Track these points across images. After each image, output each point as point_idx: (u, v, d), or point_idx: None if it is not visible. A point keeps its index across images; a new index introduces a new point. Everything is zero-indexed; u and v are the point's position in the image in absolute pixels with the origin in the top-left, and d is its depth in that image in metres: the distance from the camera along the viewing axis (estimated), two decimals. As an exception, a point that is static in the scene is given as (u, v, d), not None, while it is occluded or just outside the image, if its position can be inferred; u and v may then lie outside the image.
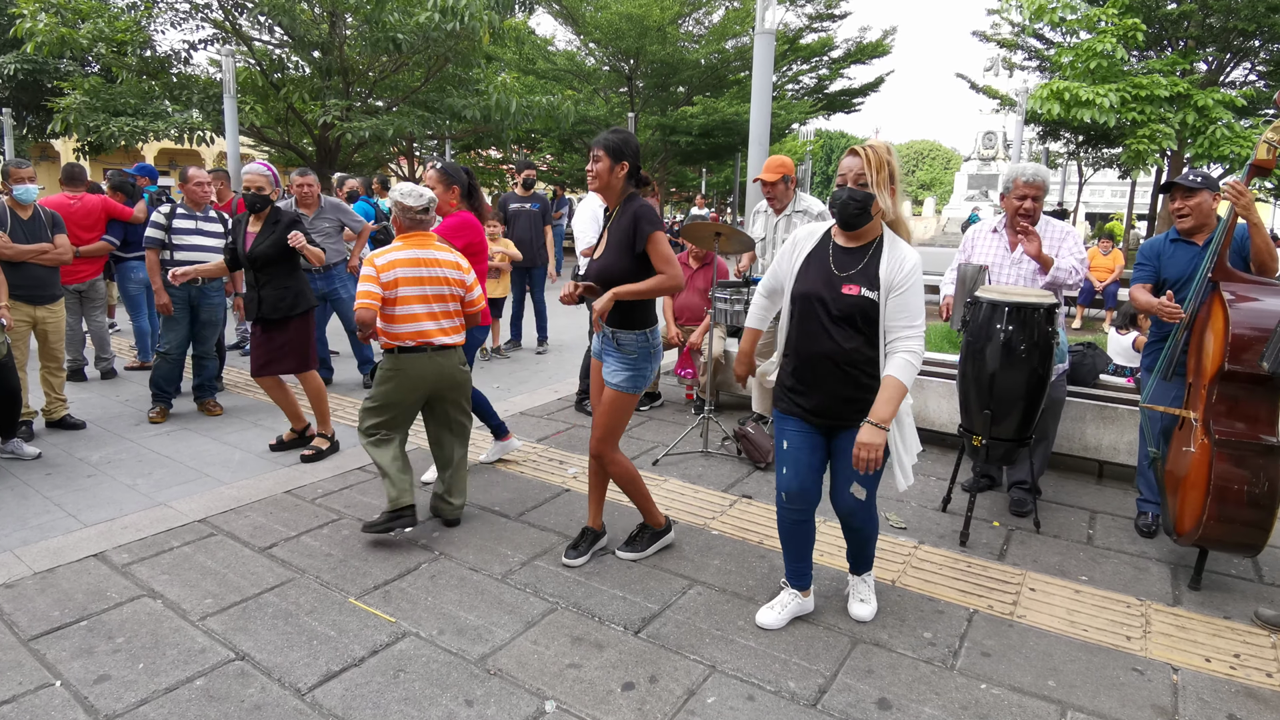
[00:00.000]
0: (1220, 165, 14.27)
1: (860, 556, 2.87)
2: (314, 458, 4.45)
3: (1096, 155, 20.76)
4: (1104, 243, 11.36)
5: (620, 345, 3.07)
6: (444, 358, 3.50)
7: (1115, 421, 4.24)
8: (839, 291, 2.51)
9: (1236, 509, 2.88)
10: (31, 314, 4.83)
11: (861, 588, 2.91)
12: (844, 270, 2.54)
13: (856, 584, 2.92)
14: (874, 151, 2.47)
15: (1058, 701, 2.40)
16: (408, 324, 3.41)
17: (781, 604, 2.84)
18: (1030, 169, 3.73)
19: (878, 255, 2.52)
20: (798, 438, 2.66)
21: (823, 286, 2.55)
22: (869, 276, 2.50)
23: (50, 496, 3.91)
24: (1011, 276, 3.78)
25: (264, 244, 4.37)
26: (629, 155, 3.03)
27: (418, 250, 3.45)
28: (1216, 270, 3.14)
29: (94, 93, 11.89)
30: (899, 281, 2.47)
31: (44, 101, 15.16)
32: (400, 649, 2.63)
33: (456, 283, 3.52)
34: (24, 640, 2.64)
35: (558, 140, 23.06)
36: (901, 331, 2.48)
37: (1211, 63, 15.89)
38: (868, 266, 2.52)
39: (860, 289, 2.49)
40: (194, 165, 5.50)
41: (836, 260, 2.57)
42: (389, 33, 11.42)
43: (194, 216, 5.26)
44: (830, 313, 2.53)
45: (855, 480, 2.61)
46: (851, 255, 2.56)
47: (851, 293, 2.50)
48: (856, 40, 23.43)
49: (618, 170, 3.03)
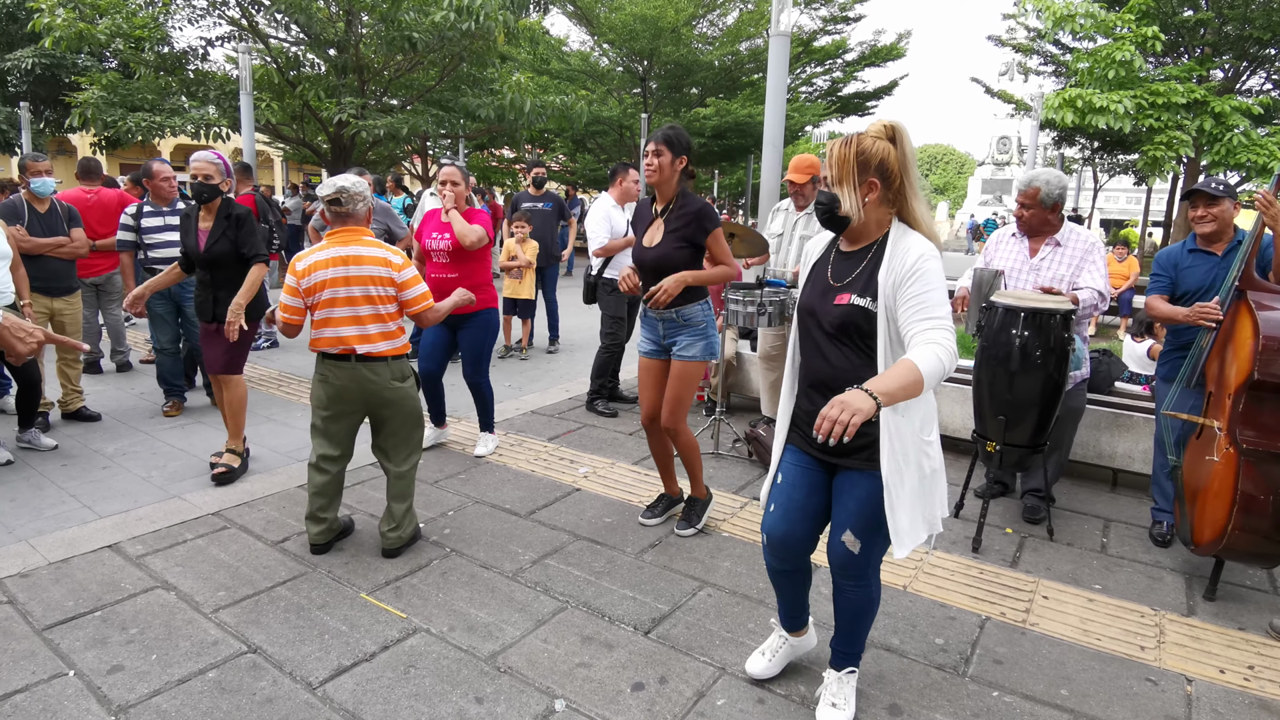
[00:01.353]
0: (1237, 173, 14.17)
1: (845, 637, 2.32)
2: (227, 477, 4.05)
3: (1112, 161, 20.64)
4: (1119, 249, 11.29)
5: (688, 320, 3.41)
6: (370, 370, 3.10)
7: (1130, 429, 4.21)
8: (830, 303, 2.14)
9: (1261, 520, 2.85)
10: (49, 306, 4.88)
11: (837, 686, 2.32)
12: (840, 279, 2.16)
13: (831, 682, 2.34)
14: (837, 145, 2.10)
15: (1070, 711, 2.39)
16: (326, 329, 3.10)
17: (772, 649, 2.52)
18: (1024, 177, 3.73)
19: (878, 258, 2.10)
20: (794, 472, 2.27)
21: (817, 299, 2.19)
22: (863, 282, 2.10)
23: (65, 487, 3.94)
24: (1028, 283, 3.75)
25: (218, 241, 4.02)
26: (687, 149, 3.30)
27: (340, 248, 3.09)
28: (1244, 279, 3.11)
29: (111, 88, 11.98)
30: (904, 276, 2.01)
31: (61, 96, 15.30)
32: (411, 645, 2.63)
33: (384, 281, 3.12)
34: (38, 630, 2.66)
35: (571, 140, 23.10)
36: (919, 325, 1.97)
37: (1228, 70, 15.78)
38: (863, 272, 2.12)
39: (850, 297, 2.10)
40: (156, 160, 5.37)
41: (834, 269, 2.20)
42: (404, 31, 11.46)
43: (161, 213, 5.20)
44: (822, 328, 2.16)
45: (848, 527, 2.16)
46: (849, 261, 2.17)
47: (841, 303, 2.11)
48: (871, 43, 23.41)
49: (677, 164, 3.29)
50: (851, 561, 2.18)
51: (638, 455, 4.58)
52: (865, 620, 2.29)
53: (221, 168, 4.12)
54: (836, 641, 2.35)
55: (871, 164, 2.05)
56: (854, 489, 2.16)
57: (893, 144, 2.06)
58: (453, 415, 5.34)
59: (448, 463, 4.40)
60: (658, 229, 3.37)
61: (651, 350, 3.52)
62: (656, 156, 3.25)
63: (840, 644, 2.34)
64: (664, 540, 3.48)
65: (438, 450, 4.61)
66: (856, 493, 2.15)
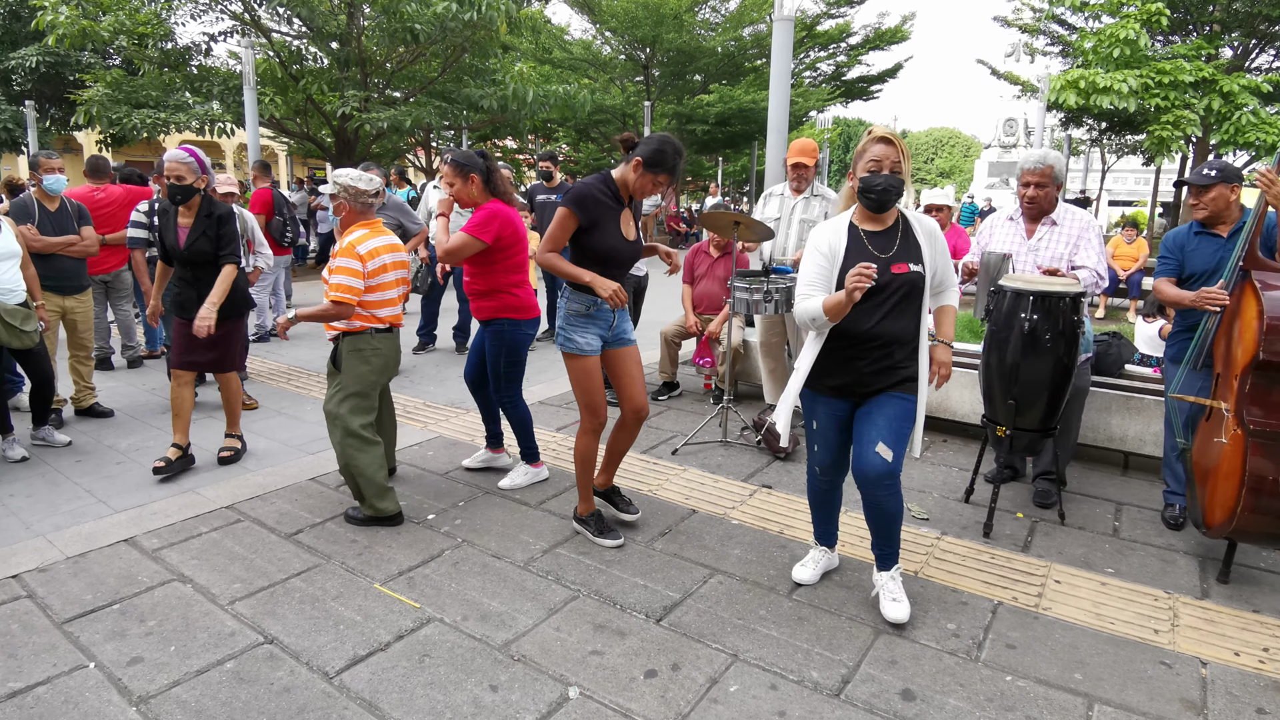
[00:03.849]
0: (1246, 152, 14.02)
1: (885, 541, 2.77)
2: (232, 459, 4.27)
3: (1120, 142, 20.45)
4: (1128, 231, 11.20)
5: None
6: (398, 337, 3.68)
7: (1141, 412, 4.19)
8: (890, 273, 2.58)
9: (1271, 500, 2.84)
10: (60, 304, 4.91)
11: (891, 585, 2.79)
12: (885, 252, 2.63)
13: (885, 582, 2.80)
14: (898, 140, 2.60)
15: (1084, 694, 2.39)
16: (388, 308, 3.52)
17: (814, 560, 3.04)
18: (1035, 155, 3.69)
19: (909, 232, 2.67)
20: (829, 419, 2.77)
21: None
22: (910, 252, 2.63)
23: (80, 483, 3.97)
24: (1028, 264, 3.73)
25: (198, 239, 4.03)
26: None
27: (386, 237, 3.53)
28: (1248, 258, 3.09)
29: (116, 85, 12.00)
30: (938, 252, 2.69)
31: (66, 94, 15.33)
32: (425, 634, 2.65)
33: (406, 265, 3.65)
34: (58, 623, 2.69)
35: (574, 130, 23.03)
36: (945, 284, 2.79)
37: (1237, 48, 15.60)
38: (904, 243, 2.65)
39: (909, 265, 2.60)
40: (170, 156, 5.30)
41: (874, 245, 2.65)
42: (406, 23, 11.42)
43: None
44: (881, 294, 2.58)
45: (881, 440, 2.59)
46: (884, 237, 2.66)
47: (902, 271, 2.59)
48: (875, 26, 23.22)
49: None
50: (886, 469, 2.58)
51: (645, 444, 4.58)
52: (899, 522, 2.75)
53: (194, 166, 4.03)
54: (878, 546, 2.80)
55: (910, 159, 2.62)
56: (883, 408, 2.63)
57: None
58: (458, 407, 5.36)
59: (458, 454, 4.42)
60: (629, 222, 3.23)
61: (599, 348, 3.25)
62: (667, 188, 3.24)
63: (881, 547, 2.80)
64: (674, 528, 3.50)
65: (448, 442, 4.63)
66: (887, 411, 2.62)
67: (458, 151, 3.83)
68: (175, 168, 3.96)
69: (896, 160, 2.56)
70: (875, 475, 2.60)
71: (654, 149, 3.05)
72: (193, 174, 4.01)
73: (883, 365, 2.64)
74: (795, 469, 4.22)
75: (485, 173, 3.71)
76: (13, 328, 4.08)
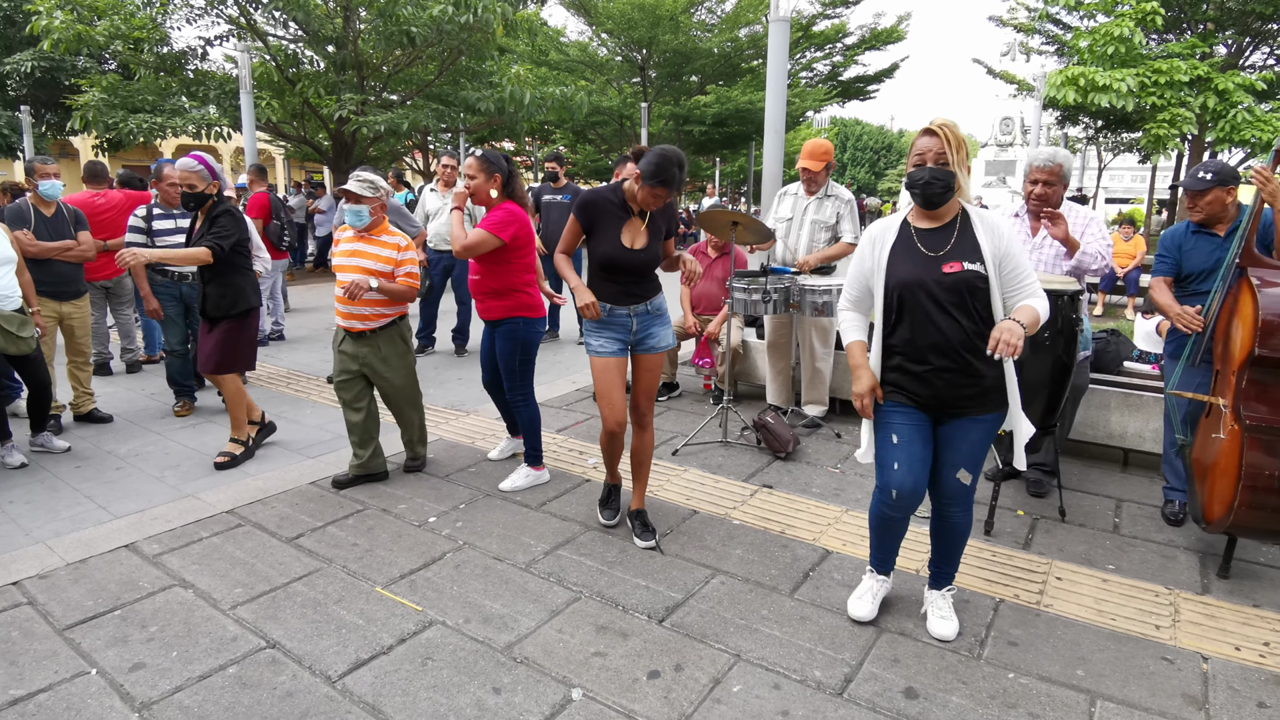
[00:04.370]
0: (1242, 149, 14.06)
1: (946, 560, 2.70)
2: (229, 464, 4.27)
3: (1116, 140, 20.51)
4: (1125, 228, 11.22)
5: (660, 311, 3.40)
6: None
7: (1140, 409, 4.20)
8: (940, 272, 2.43)
9: (1268, 495, 2.84)
10: (57, 310, 4.90)
11: (941, 603, 2.72)
12: (936, 250, 2.46)
13: (936, 600, 2.73)
14: (951, 131, 2.42)
15: (1087, 691, 2.39)
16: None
17: (870, 591, 2.83)
18: (1045, 153, 3.69)
19: (967, 228, 2.47)
20: (909, 430, 2.52)
21: (921, 271, 2.45)
22: (966, 250, 2.44)
23: (80, 489, 3.97)
24: (1032, 262, 3.74)
25: (201, 239, 4.15)
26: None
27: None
28: (1244, 256, 3.10)
29: (112, 90, 11.99)
30: (1004, 247, 2.43)
31: (62, 99, 15.31)
32: (427, 637, 2.65)
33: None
34: (59, 630, 2.68)
35: (571, 132, 23.04)
36: (1022, 287, 2.45)
37: (1231, 46, 15.65)
38: (960, 240, 2.45)
39: (962, 264, 2.42)
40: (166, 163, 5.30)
41: (925, 243, 2.49)
42: (403, 26, 11.42)
43: (172, 215, 5.21)
44: (934, 296, 2.43)
45: (962, 466, 2.53)
46: (938, 235, 2.49)
47: (954, 270, 2.42)
48: (871, 26, 23.27)
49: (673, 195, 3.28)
50: (962, 492, 2.57)
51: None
52: (963, 542, 2.69)
53: (204, 173, 4.16)
54: (936, 564, 2.74)
55: (965, 148, 2.42)
56: (967, 434, 2.53)
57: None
58: (458, 409, 5.36)
59: (458, 456, 4.42)
60: (639, 231, 3.25)
61: (617, 350, 3.30)
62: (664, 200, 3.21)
63: (940, 566, 2.74)
64: (675, 529, 3.50)
65: (448, 445, 4.63)
66: (970, 437, 2.53)
67: (488, 150, 3.94)
68: (186, 176, 4.13)
69: (941, 152, 2.38)
70: (952, 500, 2.59)
71: (651, 163, 3.10)
72: (203, 181, 4.17)
73: (962, 382, 2.46)
74: (795, 469, 4.22)
75: (508, 175, 3.83)
76: (9, 334, 4.07)
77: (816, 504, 3.75)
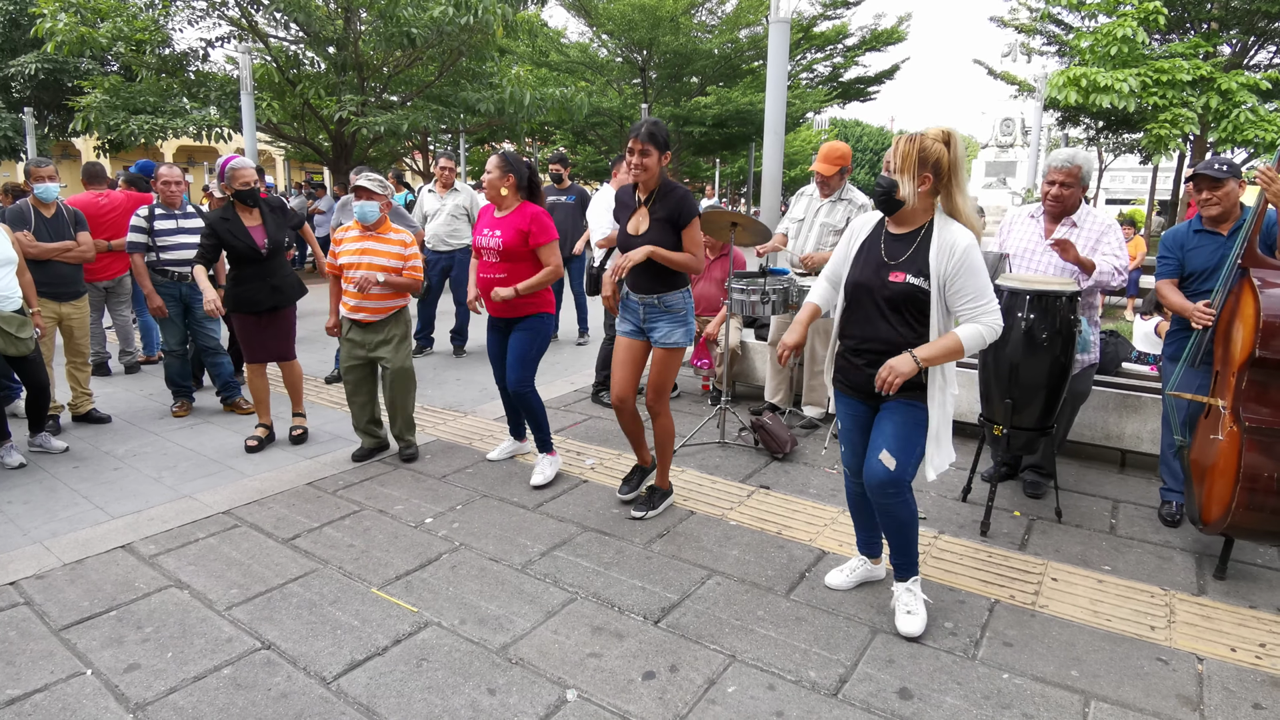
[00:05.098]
0: (1244, 149, 14.04)
1: (898, 551, 2.72)
2: (303, 437, 4.75)
3: (1117, 141, 20.48)
4: (1125, 229, 11.22)
5: (669, 307, 3.49)
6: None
7: (1138, 410, 4.19)
8: (886, 279, 2.52)
9: (1266, 497, 2.84)
10: (57, 310, 4.91)
11: (906, 597, 2.72)
12: (893, 258, 2.55)
13: (901, 594, 2.73)
14: (903, 141, 2.49)
15: (1081, 691, 2.39)
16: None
17: (850, 568, 3.01)
18: (1064, 154, 3.66)
19: (926, 241, 2.50)
20: (850, 419, 2.77)
21: (872, 275, 2.57)
22: (917, 264, 2.49)
23: (78, 489, 3.97)
24: (1043, 264, 3.71)
25: (276, 231, 4.57)
26: (668, 143, 3.39)
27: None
28: (1246, 256, 3.09)
29: (114, 91, 12.01)
30: (951, 269, 2.44)
31: (65, 100, 15.36)
32: (422, 638, 2.65)
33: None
34: (55, 630, 2.69)
35: (571, 133, 23.05)
36: (967, 308, 2.47)
37: (1235, 45, 15.62)
38: (916, 253, 2.51)
39: (906, 276, 2.49)
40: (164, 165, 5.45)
41: (887, 248, 2.59)
42: (403, 27, 11.43)
43: (173, 215, 5.22)
44: (877, 302, 2.55)
45: (885, 448, 2.56)
46: (900, 242, 2.56)
47: (897, 280, 2.50)
48: (871, 27, 23.27)
49: (663, 160, 3.37)
50: (889, 478, 2.55)
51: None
52: (910, 531, 2.67)
53: (255, 170, 4.60)
54: (894, 557, 2.75)
55: (929, 160, 2.44)
56: (891, 415, 2.58)
57: (946, 147, 2.45)
58: (455, 410, 5.36)
59: (456, 457, 4.42)
60: (643, 217, 3.43)
61: (628, 331, 3.60)
62: (643, 156, 3.30)
63: (897, 558, 2.73)
64: (672, 530, 3.50)
65: (446, 445, 4.63)
66: (894, 418, 2.57)
67: (510, 153, 4.07)
68: (246, 174, 4.46)
69: (887, 161, 2.53)
70: (877, 482, 2.57)
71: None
72: (255, 177, 4.56)
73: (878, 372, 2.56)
74: (793, 470, 4.22)
75: (526, 182, 3.99)
76: (8, 335, 4.08)
77: (813, 505, 3.75)
